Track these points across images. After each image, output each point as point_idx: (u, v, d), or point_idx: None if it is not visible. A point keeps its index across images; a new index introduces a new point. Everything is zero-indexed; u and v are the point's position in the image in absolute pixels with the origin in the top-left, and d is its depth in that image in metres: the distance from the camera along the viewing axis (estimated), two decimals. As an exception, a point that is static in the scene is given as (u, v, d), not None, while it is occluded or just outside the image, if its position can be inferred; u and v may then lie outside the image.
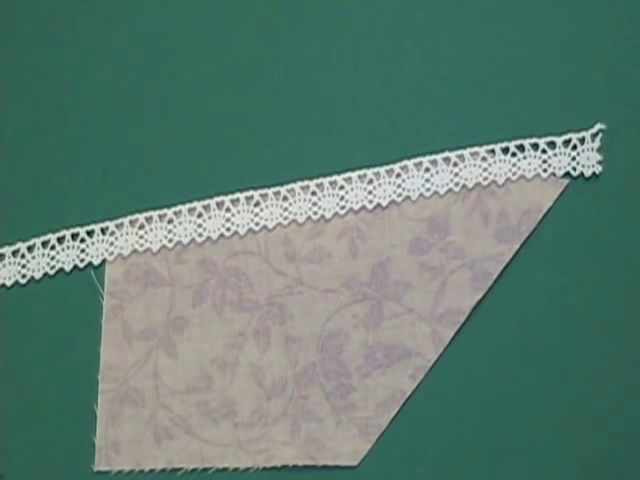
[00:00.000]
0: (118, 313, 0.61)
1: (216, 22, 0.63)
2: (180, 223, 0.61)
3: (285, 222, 0.60)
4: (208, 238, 0.60)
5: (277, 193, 0.60)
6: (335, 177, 0.60)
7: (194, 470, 0.59)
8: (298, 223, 0.60)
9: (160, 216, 0.61)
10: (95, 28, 0.63)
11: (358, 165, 0.59)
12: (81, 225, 0.62)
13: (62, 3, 0.64)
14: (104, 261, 0.61)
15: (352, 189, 0.59)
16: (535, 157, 0.58)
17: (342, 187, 0.60)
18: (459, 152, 0.59)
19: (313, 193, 0.60)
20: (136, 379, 0.60)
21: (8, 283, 0.62)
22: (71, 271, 0.61)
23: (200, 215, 0.61)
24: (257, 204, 0.60)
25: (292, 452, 0.58)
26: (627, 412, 0.56)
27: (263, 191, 0.60)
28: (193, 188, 0.61)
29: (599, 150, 0.58)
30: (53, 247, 0.62)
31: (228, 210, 0.60)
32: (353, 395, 0.58)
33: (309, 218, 0.60)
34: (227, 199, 0.60)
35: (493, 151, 0.59)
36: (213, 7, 0.63)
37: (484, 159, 0.59)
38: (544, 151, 0.58)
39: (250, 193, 0.60)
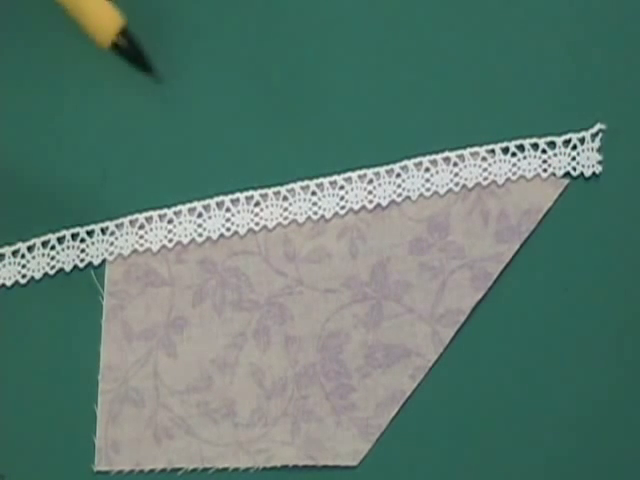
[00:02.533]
0: (118, 313, 0.61)
1: (216, 21, 0.63)
2: (180, 223, 0.61)
3: (285, 222, 0.60)
4: (208, 238, 0.60)
5: (277, 193, 0.60)
6: (335, 177, 0.60)
7: (194, 470, 0.59)
8: (298, 223, 0.60)
9: (160, 216, 0.61)
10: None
11: (358, 165, 0.59)
12: (81, 225, 0.62)
13: None
14: (104, 261, 0.61)
15: (352, 189, 0.59)
16: (535, 157, 0.58)
17: (342, 187, 0.60)
18: (459, 152, 0.59)
19: (313, 193, 0.60)
20: (136, 379, 0.60)
21: (8, 283, 0.62)
22: (71, 271, 0.61)
23: (200, 215, 0.61)
24: (257, 204, 0.60)
25: (292, 452, 0.58)
26: (628, 412, 0.56)
27: (263, 191, 0.60)
28: (193, 188, 0.61)
29: (599, 150, 0.58)
30: (53, 247, 0.62)
31: (228, 210, 0.60)
32: (353, 395, 0.58)
33: (309, 218, 0.60)
34: (227, 199, 0.60)
35: (493, 151, 0.59)
36: (213, 7, 0.63)
37: (484, 159, 0.59)
38: (544, 151, 0.58)
39: (250, 193, 0.60)
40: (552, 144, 0.58)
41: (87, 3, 0.57)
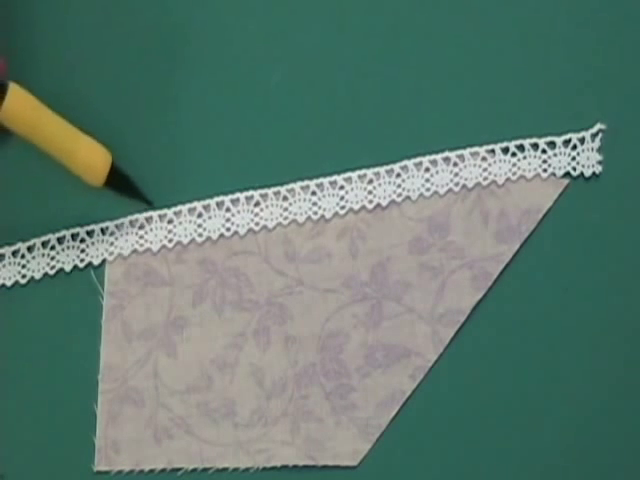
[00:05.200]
0: (118, 313, 0.61)
1: (218, 22, 0.63)
2: (180, 223, 0.61)
3: (285, 222, 0.60)
4: (208, 238, 0.60)
5: (277, 193, 0.60)
6: (335, 177, 0.60)
7: (194, 470, 0.59)
8: (298, 223, 0.60)
9: (160, 216, 0.61)
10: (90, 25, 0.63)
11: (358, 165, 0.59)
12: (81, 225, 0.62)
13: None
14: (104, 261, 0.61)
15: (352, 189, 0.59)
16: (535, 157, 0.58)
17: (342, 187, 0.60)
18: (459, 152, 0.59)
19: (313, 193, 0.60)
20: (136, 379, 0.60)
21: (8, 283, 0.62)
22: (71, 271, 0.61)
23: (200, 215, 0.61)
24: (257, 204, 0.60)
25: (292, 452, 0.58)
26: (627, 412, 0.56)
27: (263, 191, 0.60)
28: (192, 188, 0.61)
29: (599, 150, 0.58)
30: (53, 247, 0.62)
31: (228, 210, 0.60)
32: (353, 395, 0.58)
33: (309, 218, 0.60)
34: (227, 199, 0.60)
35: (493, 151, 0.59)
36: (212, 6, 0.63)
37: (484, 159, 0.59)
38: (544, 151, 0.58)
39: (250, 193, 0.60)
40: (552, 144, 0.58)
41: (74, 146, 0.57)
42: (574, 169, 0.58)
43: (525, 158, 0.58)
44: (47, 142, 0.57)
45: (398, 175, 0.59)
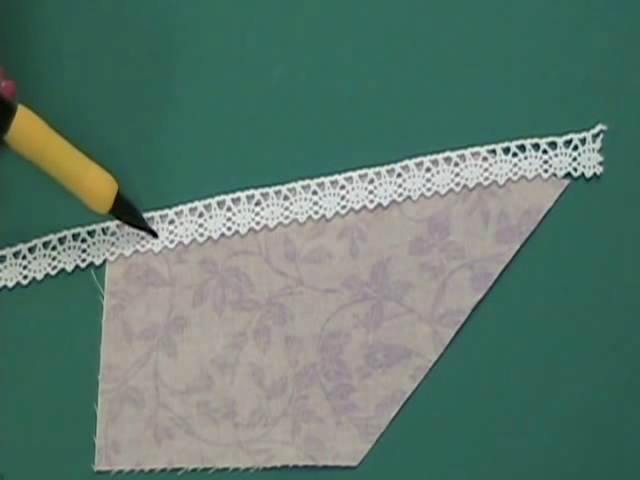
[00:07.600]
0: (118, 313, 0.61)
1: (218, 21, 0.63)
2: (181, 223, 0.61)
3: (286, 221, 0.60)
4: (209, 238, 0.60)
5: (278, 192, 0.60)
6: (336, 176, 0.60)
7: (194, 470, 0.59)
8: (299, 222, 0.60)
9: (161, 217, 0.61)
10: (89, 25, 0.64)
11: (359, 164, 0.60)
12: (82, 225, 0.62)
13: None
14: (105, 261, 0.61)
15: (353, 189, 0.59)
16: (536, 157, 0.58)
17: (343, 187, 0.60)
18: (460, 152, 0.59)
19: (314, 192, 0.60)
20: (136, 379, 0.60)
21: (10, 284, 0.62)
22: (72, 271, 0.61)
23: (201, 215, 0.61)
24: (258, 203, 0.60)
25: (292, 452, 0.58)
26: (627, 412, 0.56)
27: (264, 190, 0.60)
28: (194, 188, 0.61)
29: (600, 151, 0.58)
30: (54, 248, 0.62)
31: (229, 209, 0.60)
32: (353, 395, 0.58)
33: (310, 217, 0.60)
34: (228, 198, 0.60)
35: (494, 151, 0.59)
36: (210, 5, 0.63)
37: (485, 159, 0.59)
38: (545, 151, 0.58)
39: (251, 192, 0.60)
40: (553, 144, 0.58)
41: (81, 172, 0.57)
42: (575, 170, 0.58)
43: (526, 158, 0.58)
44: (54, 167, 0.56)
45: (399, 175, 0.59)
